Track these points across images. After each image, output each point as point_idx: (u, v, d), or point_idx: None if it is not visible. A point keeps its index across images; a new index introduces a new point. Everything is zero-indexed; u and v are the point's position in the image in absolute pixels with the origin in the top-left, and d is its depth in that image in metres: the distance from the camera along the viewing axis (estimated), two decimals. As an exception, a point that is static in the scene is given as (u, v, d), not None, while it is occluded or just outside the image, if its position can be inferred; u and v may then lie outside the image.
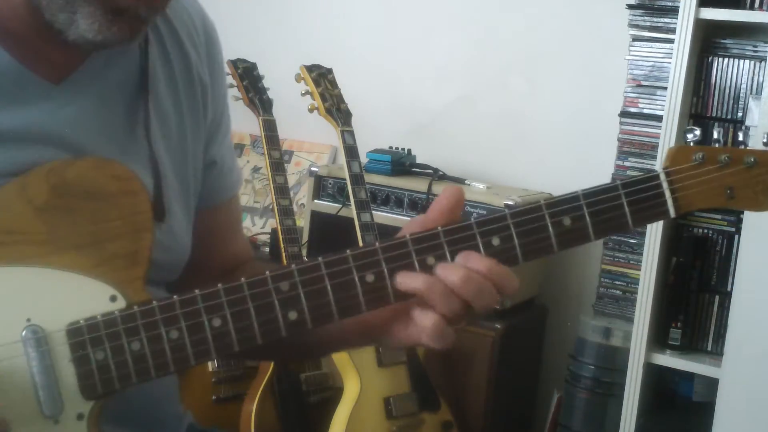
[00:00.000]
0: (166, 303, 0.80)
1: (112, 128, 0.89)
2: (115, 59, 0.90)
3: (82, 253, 0.81)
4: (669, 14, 2.35)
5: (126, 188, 0.83)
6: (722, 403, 2.12)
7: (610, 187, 0.86)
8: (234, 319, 0.80)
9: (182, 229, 0.97)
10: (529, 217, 0.84)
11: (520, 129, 2.83)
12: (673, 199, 0.86)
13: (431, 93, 2.96)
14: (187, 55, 0.98)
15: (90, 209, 0.82)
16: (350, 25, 3.06)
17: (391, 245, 0.83)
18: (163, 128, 0.95)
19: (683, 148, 0.87)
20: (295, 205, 2.87)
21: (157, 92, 0.94)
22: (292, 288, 0.81)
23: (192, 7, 1.02)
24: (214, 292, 0.80)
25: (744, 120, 2.29)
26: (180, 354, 0.80)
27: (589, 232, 0.85)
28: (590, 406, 2.47)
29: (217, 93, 1.03)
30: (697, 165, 0.86)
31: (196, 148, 1.00)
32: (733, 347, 2.12)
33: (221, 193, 1.07)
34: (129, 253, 0.83)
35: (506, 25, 2.83)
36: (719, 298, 2.32)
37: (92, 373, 0.79)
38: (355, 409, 2.14)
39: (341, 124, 2.29)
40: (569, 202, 0.85)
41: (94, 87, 0.88)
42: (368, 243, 0.83)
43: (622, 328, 2.41)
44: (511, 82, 2.84)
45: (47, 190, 0.81)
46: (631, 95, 2.44)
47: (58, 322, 0.79)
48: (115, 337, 0.79)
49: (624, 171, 2.46)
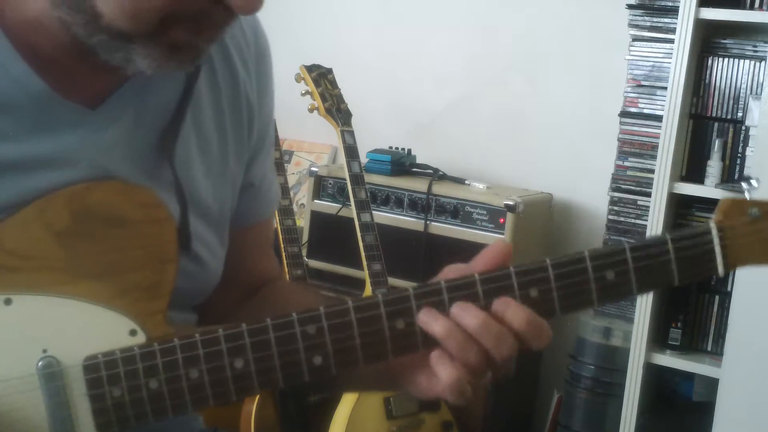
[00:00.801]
0: (188, 342, 0.77)
1: (142, 152, 0.85)
2: (156, 82, 0.86)
3: (102, 282, 0.78)
4: (669, 14, 2.35)
5: (151, 216, 0.80)
6: (722, 403, 2.12)
7: (658, 241, 0.80)
8: (257, 361, 0.77)
9: (212, 256, 0.93)
10: (571, 269, 0.79)
11: (520, 129, 2.83)
12: (723, 256, 0.80)
13: (431, 93, 2.96)
14: (236, 72, 0.94)
15: (112, 236, 0.78)
16: (350, 25, 3.06)
17: (425, 292, 0.78)
18: (204, 151, 0.91)
19: (738, 202, 0.80)
20: (295, 205, 2.87)
21: (200, 114, 0.90)
22: (319, 333, 0.77)
23: (245, 21, 0.97)
24: (239, 333, 0.77)
25: (744, 120, 2.29)
26: (199, 395, 0.77)
27: (632, 287, 0.79)
28: (590, 406, 2.47)
29: (264, 112, 0.99)
30: (753, 221, 0.80)
31: (238, 169, 0.96)
32: (733, 347, 2.12)
33: (256, 214, 1.02)
34: (151, 284, 0.79)
35: (506, 25, 2.83)
36: (719, 298, 2.32)
37: (108, 411, 0.76)
38: (355, 409, 2.14)
39: (341, 124, 2.29)
40: (614, 255, 0.80)
41: (131, 110, 0.85)
42: (401, 289, 0.79)
43: (622, 328, 2.41)
44: (511, 82, 2.84)
45: (68, 215, 0.77)
46: (631, 95, 2.44)
47: (75, 355, 0.76)
48: (133, 375, 0.76)
49: (624, 171, 2.46)
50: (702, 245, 0.80)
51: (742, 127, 2.29)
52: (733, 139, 2.31)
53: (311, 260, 2.63)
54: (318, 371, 0.78)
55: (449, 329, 0.76)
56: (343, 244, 2.50)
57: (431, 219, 2.50)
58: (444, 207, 2.49)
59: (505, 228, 2.38)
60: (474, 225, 2.44)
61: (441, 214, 2.49)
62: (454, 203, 2.47)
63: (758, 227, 0.80)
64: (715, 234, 0.80)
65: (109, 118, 0.83)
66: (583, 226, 2.72)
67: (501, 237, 2.39)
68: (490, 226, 2.42)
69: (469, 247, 2.42)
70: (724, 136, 2.31)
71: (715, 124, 2.33)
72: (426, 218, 2.50)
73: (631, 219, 2.45)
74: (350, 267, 2.52)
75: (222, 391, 0.77)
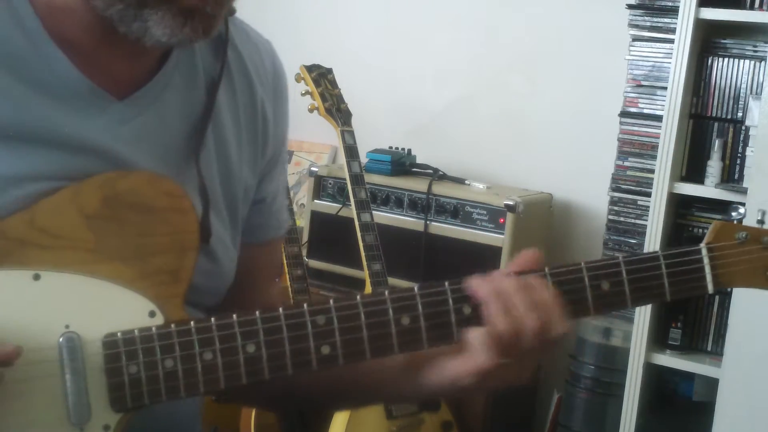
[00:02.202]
0: (203, 325, 0.81)
1: (166, 151, 0.89)
2: (179, 83, 0.91)
3: (126, 264, 0.82)
4: (669, 14, 2.35)
5: (176, 205, 0.84)
6: (722, 403, 2.12)
7: (651, 256, 0.86)
8: (267, 346, 0.81)
9: (226, 256, 0.97)
10: (569, 278, 0.85)
11: (520, 129, 2.84)
12: (712, 275, 0.86)
13: (431, 93, 2.96)
14: (254, 88, 0.99)
15: (138, 222, 0.83)
16: (350, 25, 3.06)
17: (430, 292, 0.84)
18: (221, 158, 0.95)
19: (727, 225, 0.87)
20: (295, 205, 2.87)
21: (220, 122, 0.95)
22: (328, 323, 0.82)
23: (264, 48, 1.03)
24: (252, 319, 0.81)
25: (744, 120, 2.29)
26: (211, 376, 0.80)
27: (626, 298, 0.85)
28: (590, 406, 2.47)
29: (279, 132, 1.03)
30: (740, 244, 0.87)
31: (251, 180, 1.00)
32: (733, 347, 2.12)
33: (265, 232, 1.06)
34: (172, 269, 0.83)
35: (506, 25, 2.83)
36: (719, 298, 2.32)
37: (123, 386, 0.79)
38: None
39: (341, 124, 2.29)
40: (610, 267, 0.86)
41: (154, 108, 0.89)
42: (408, 288, 0.84)
43: (622, 328, 2.42)
44: (511, 82, 2.84)
45: (99, 200, 0.82)
46: (631, 95, 2.44)
47: (96, 331, 0.80)
48: (149, 353, 0.80)
49: (624, 171, 2.46)
50: (693, 263, 0.87)
51: (742, 127, 2.29)
52: (733, 139, 2.31)
53: (311, 260, 2.63)
54: (326, 360, 0.82)
55: (492, 290, 0.82)
56: (343, 244, 2.50)
57: (431, 219, 2.50)
58: (444, 207, 2.49)
59: (505, 228, 2.38)
60: (474, 225, 2.44)
61: (441, 214, 2.49)
62: (454, 203, 2.47)
63: (745, 250, 0.87)
64: (705, 254, 0.86)
65: (133, 111, 0.87)
66: (583, 226, 2.72)
67: (501, 237, 2.39)
68: (490, 226, 2.42)
69: (469, 247, 2.42)
70: (724, 136, 2.31)
71: (715, 124, 2.33)
72: (426, 218, 2.50)
73: (631, 219, 2.45)
74: (350, 267, 2.52)
75: (233, 374, 0.81)
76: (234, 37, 0.98)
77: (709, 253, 0.86)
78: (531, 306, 0.82)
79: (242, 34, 1.00)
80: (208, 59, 0.95)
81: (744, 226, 0.87)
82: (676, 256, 0.86)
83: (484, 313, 0.82)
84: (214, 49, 0.95)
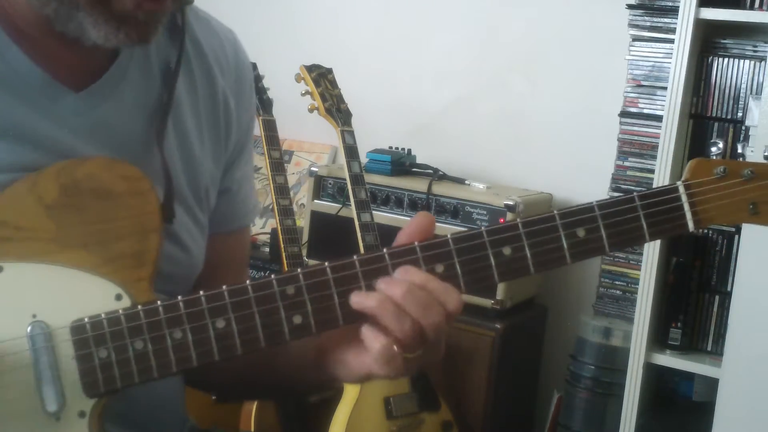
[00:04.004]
0: (170, 303, 0.80)
1: (122, 141, 0.90)
2: (135, 75, 0.91)
3: (89, 251, 0.82)
4: (669, 14, 2.35)
5: (134, 188, 0.84)
6: (722, 403, 2.12)
7: (626, 198, 0.84)
8: (238, 321, 0.80)
9: (195, 245, 0.97)
10: (542, 227, 0.82)
11: (520, 129, 2.83)
12: (692, 213, 0.83)
13: (431, 93, 2.96)
14: (213, 78, 0.99)
15: (98, 208, 0.83)
16: (350, 25, 3.06)
17: (398, 252, 0.82)
18: (182, 148, 0.95)
19: (704, 162, 0.84)
20: (295, 205, 2.87)
21: (179, 112, 0.95)
22: (298, 292, 0.81)
23: (225, 36, 1.03)
24: (219, 293, 0.80)
25: (744, 120, 2.29)
26: (183, 354, 0.80)
27: (603, 244, 0.83)
28: (590, 406, 2.47)
29: (243, 120, 1.03)
30: (719, 179, 0.84)
31: (215, 170, 1.00)
32: (733, 347, 2.12)
33: (232, 221, 1.06)
34: (136, 252, 0.83)
35: (506, 25, 2.83)
36: (719, 298, 2.32)
37: (95, 371, 0.79)
38: (355, 409, 2.14)
39: (341, 124, 2.29)
40: (583, 213, 0.83)
41: (111, 100, 0.89)
42: (376, 249, 0.82)
43: (622, 328, 2.42)
44: (511, 82, 2.84)
45: (57, 188, 0.82)
46: (631, 95, 2.44)
47: (63, 319, 0.80)
48: (118, 336, 0.79)
49: (624, 171, 2.46)
50: (670, 202, 0.83)
51: (742, 127, 2.29)
52: (733, 139, 2.31)
53: (311, 260, 2.63)
54: (298, 330, 0.81)
55: (381, 302, 0.79)
56: (343, 244, 2.49)
57: (431, 219, 2.49)
58: (444, 207, 2.49)
59: (505, 228, 2.38)
60: (474, 225, 2.44)
61: (441, 214, 2.49)
62: (454, 203, 2.47)
63: (724, 184, 0.83)
64: (683, 191, 0.83)
65: (89, 103, 0.87)
66: (583, 226, 2.72)
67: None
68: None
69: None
70: (724, 136, 2.31)
71: (715, 124, 2.33)
72: (426, 218, 2.49)
73: (631, 219, 2.45)
74: (350, 267, 2.51)
75: (205, 351, 0.80)
76: (194, 28, 0.98)
77: (687, 191, 0.83)
78: (426, 304, 0.79)
79: (203, 23, 1.00)
80: (165, 50, 0.94)
81: (722, 160, 0.84)
82: (652, 196, 0.83)
83: (380, 325, 0.80)
84: (171, 40, 0.95)
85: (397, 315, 0.79)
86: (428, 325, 0.80)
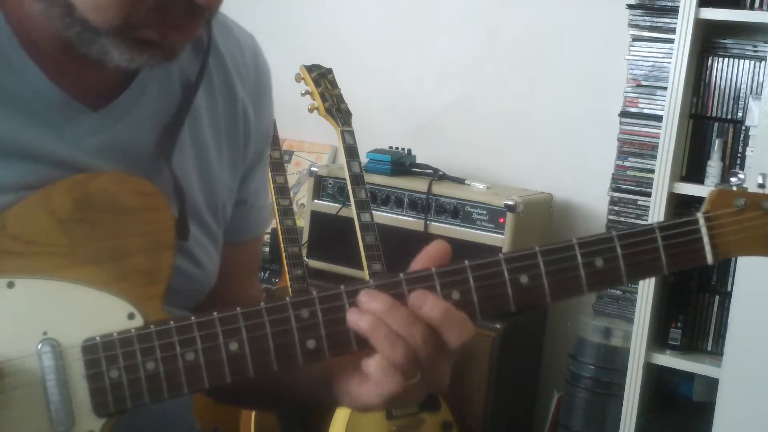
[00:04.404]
0: (184, 324, 0.79)
1: (137, 158, 0.88)
2: (154, 90, 0.89)
3: (101, 267, 0.80)
4: (669, 14, 2.35)
5: (148, 204, 0.82)
6: (722, 403, 2.12)
7: (646, 229, 0.82)
8: (251, 343, 0.79)
9: (209, 260, 0.95)
10: (561, 256, 0.81)
11: (520, 129, 2.83)
12: (711, 245, 0.82)
13: (431, 93, 2.96)
14: (233, 87, 0.97)
15: (111, 223, 0.81)
16: (350, 25, 3.06)
17: (414, 277, 0.81)
18: (200, 161, 0.93)
19: (724, 192, 0.83)
20: (295, 205, 2.87)
21: (198, 124, 0.93)
22: (312, 316, 0.79)
23: (245, 43, 1.01)
24: (233, 315, 0.79)
25: (744, 120, 2.29)
26: (194, 376, 0.79)
27: (621, 274, 0.81)
28: (590, 406, 2.47)
29: (261, 131, 1.02)
30: (739, 211, 0.82)
31: (233, 182, 0.99)
32: (733, 347, 2.12)
33: (247, 231, 1.05)
34: (149, 270, 0.82)
35: (506, 25, 2.83)
36: (719, 298, 2.33)
37: (105, 391, 0.78)
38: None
39: (341, 124, 2.29)
40: (603, 243, 0.81)
41: (129, 117, 0.87)
42: (393, 273, 0.81)
43: (622, 328, 2.42)
44: (511, 82, 2.84)
45: (70, 203, 0.80)
46: (631, 95, 2.44)
47: (75, 337, 0.78)
48: (130, 356, 0.78)
49: (624, 171, 2.46)
50: (690, 234, 0.82)
51: (742, 127, 2.29)
52: (733, 139, 2.31)
53: (311, 260, 2.63)
54: (312, 354, 0.80)
55: (374, 325, 0.78)
56: (343, 244, 2.49)
57: (431, 219, 2.50)
58: (444, 207, 2.49)
59: (505, 228, 2.38)
60: (474, 225, 2.44)
61: (441, 214, 2.49)
62: (454, 203, 2.47)
63: (745, 217, 0.82)
64: (703, 223, 0.82)
65: (106, 122, 0.85)
66: (583, 226, 2.72)
67: (501, 237, 2.39)
68: (490, 226, 2.42)
69: (469, 247, 2.42)
70: (724, 136, 2.31)
71: (715, 124, 2.33)
72: (426, 218, 2.50)
73: (631, 219, 2.45)
74: (350, 267, 2.52)
75: (217, 373, 0.79)
76: (215, 38, 0.96)
77: (707, 223, 0.82)
78: (409, 324, 0.78)
79: (223, 29, 0.98)
80: (186, 62, 0.92)
81: (742, 192, 0.83)
82: (672, 228, 0.82)
83: (373, 345, 0.78)
84: (193, 52, 0.93)
85: (389, 338, 0.78)
86: (418, 349, 0.78)
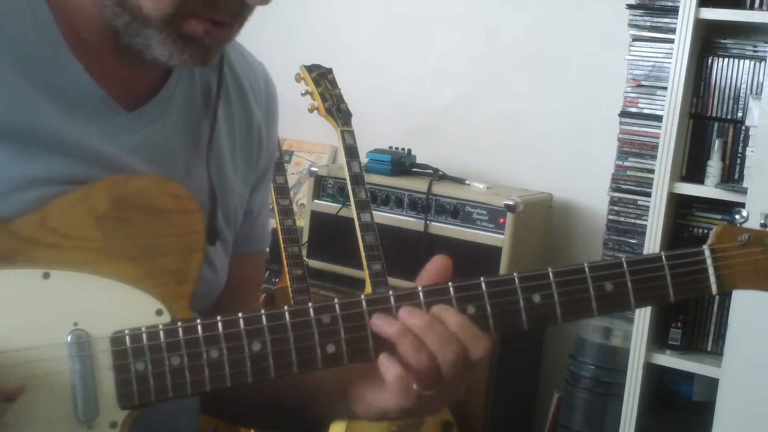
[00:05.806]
0: (209, 322, 0.82)
1: (168, 162, 0.92)
2: (180, 98, 0.94)
3: (134, 264, 0.83)
4: (669, 14, 2.35)
5: (182, 207, 0.86)
6: (722, 403, 2.12)
7: (653, 257, 0.87)
8: (273, 345, 0.82)
9: (221, 265, 0.99)
10: (572, 278, 0.85)
11: (520, 129, 2.84)
12: (716, 276, 0.88)
13: (431, 93, 2.96)
14: (250, 107, 1.03)
15: (146, 223, 0.85)
16: (350, 25, 3.06)
17: (432, 290, 0.84)
18: (216, 170, 0.97)
19: (729, 228, 0.89)
20: (295, 205, 2.87)
21: (217, 137, 0.98)
22: (333, 321, 0.83)
23: (258, 69, 1.08)
24: (257, 316, 0.82)
25: (744, 120, 2.29)
26: (217, 373, 0.81)
27: (630, 299, 0.86)
28: (590, 406, 2.47)
29: (269, 148, 1.07)
30: (743, 246, 0.88)
31: (244, 192, 1.03)
32: (733, 347, 2.12)
33: (251, 243, 1.08)
34: (179, 270, 0.85)
35: (506, 26, 2.83)
36: (719, 298, 2.32)
37: (131, 383, 0.80)
38: (355, 409, 2.13)
39: (341, 124, 2.29)
40: (612, 268, 0.86)
41: (159, 122, 0.92)
42: (412, 287, 0.85)
43: (622, 328, 2.42)
44: (511, 82, 2.84)
45: (109, 201, 0.84)
46: (631, 95, 2.44)
47: (104, 329, 0.81)
48: (156, 350, 0.81)
49: (624, 171, 2.46)
50: (695, 264, 0.88)
51: (742, 127, 2.29)
52: (733, 139, 2.31)
53: (311, 260, 2.63)
54: (331, 359, 0.83)
55: (401, 331, 0.82)
56: (343, 244, 2.50)
57: (431, 219, 2.50)
58: (444, 207, 2.49)
59: (504, 228, 2.38)
60: (474, 225, 2.44)
61: (441, 214, 2.49)
62: (454, 203, 2.47)
63: (748, 251, 0.88)
64: (708, 255, 0.88)
65: (140, 124, 0.90)
66: (583, 226, 2.72)
67: (501, 237, 2.39)
68: (490, 226, 2.42)
69: (469, 247, 2.42)
70: (724, 136, 2.31)
71: (715, 124, 2.33)
72: (426, 218, 2.50)
73: (631, 219, 2.45)
74: (350, 267, 2.52)
75: (239, 371, 0.82)
76: (231, 59, 1.02)
77: (713, 255, 0.88)
78: (443, 339, 0.81)
79: (238, 54, 1.05)
80: (206, 74, 0.98)
81: (747, 228, 0.89)
82: (679, 257, 0.87)
83: (397, 353, 0.82)
84: (212, 69, 0.98)
85: (415, 346, 0.81)
86: (445, 363, 0.81)
